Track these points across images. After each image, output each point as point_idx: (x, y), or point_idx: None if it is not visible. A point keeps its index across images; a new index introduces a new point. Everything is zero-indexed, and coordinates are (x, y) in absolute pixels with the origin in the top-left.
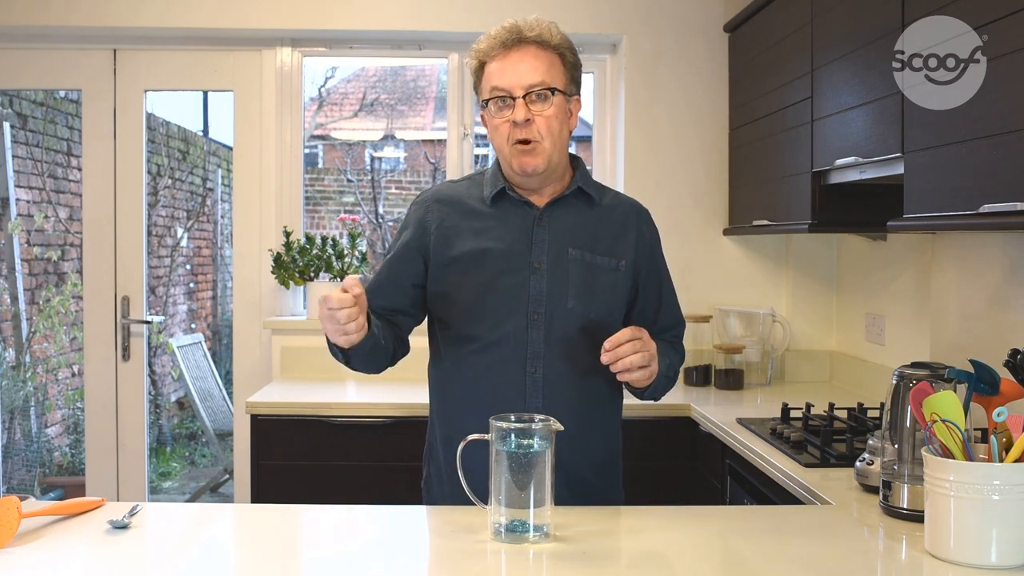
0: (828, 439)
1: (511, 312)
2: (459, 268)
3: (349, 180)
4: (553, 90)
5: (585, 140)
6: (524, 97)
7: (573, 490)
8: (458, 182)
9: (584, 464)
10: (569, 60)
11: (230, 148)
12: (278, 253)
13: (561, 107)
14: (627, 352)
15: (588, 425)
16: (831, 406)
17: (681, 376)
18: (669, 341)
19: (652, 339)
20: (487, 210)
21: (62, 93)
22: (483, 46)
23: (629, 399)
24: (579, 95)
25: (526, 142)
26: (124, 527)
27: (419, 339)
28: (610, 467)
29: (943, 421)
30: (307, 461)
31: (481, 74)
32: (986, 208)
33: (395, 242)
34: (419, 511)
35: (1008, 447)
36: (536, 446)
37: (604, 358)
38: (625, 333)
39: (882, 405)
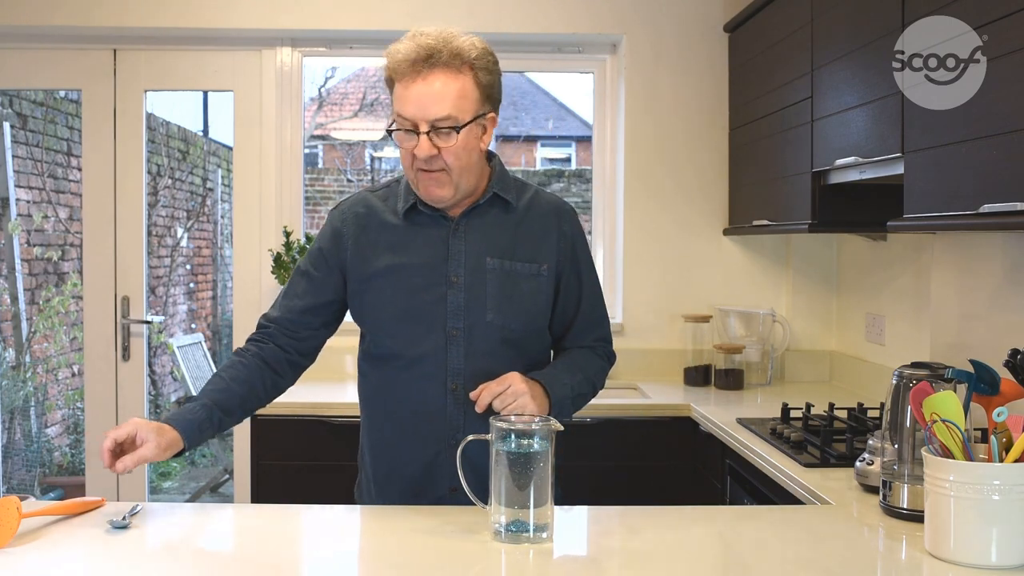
0: (828, 439)
1: (429, 329)
2: (376, 285)
3: (349, 180)
4: (459, 127)
5: (585, 140)
6: (428, 133)
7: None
8: (377, 191)
9: None
10: (483, 79)
11: (230, 148)
12: (278, 253)
13: (469, 136)
14: (487, 399)
15: None
16: (831, 406)
17: (681, 376)
18: (590, 347)
19: (537, 370)
20: (402, 224)
21: (62, 93)
22: (392, 61)
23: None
24: (495, 111)
25: (431, 172)
26: (124, 527)
27: None
28: None
29: (943, 421)
30: (307, 461)
31: (391, 89)
32: (986, 208)
33: (312, 251)
34: (419, 511)
35: (1008, 447)
36: (536, 446)
37: (478, 408)
38: (489, 385)
39: (882, 405)
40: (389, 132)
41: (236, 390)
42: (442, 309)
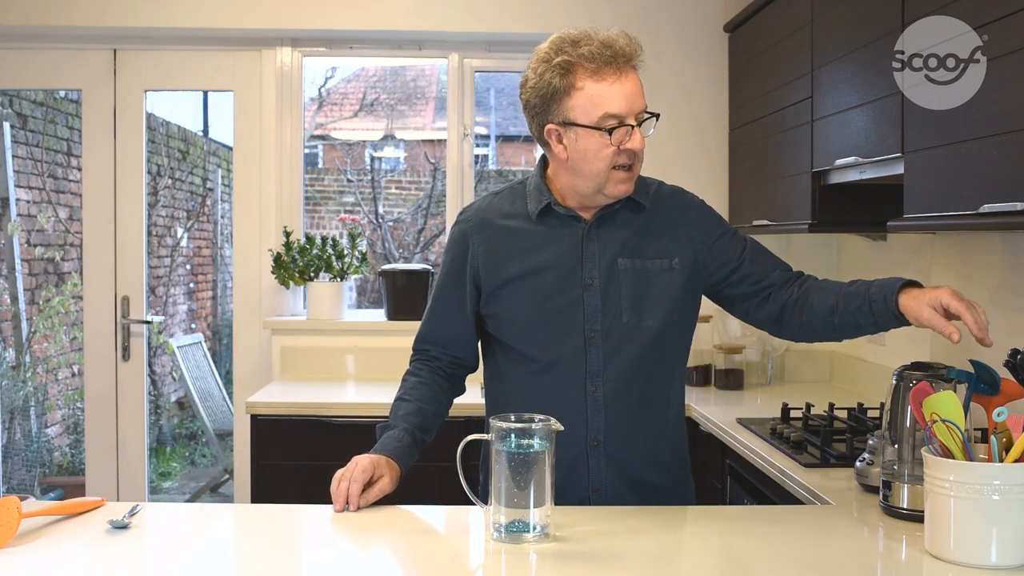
0: (828, 439)
1: (567, 332)
2: (511, 289)
3: (349, 180)
4: (656, 115)
5: None
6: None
7: (643, 496)
8: (499, 195)
9: (652, 470)
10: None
11: (230, 148)
12: (278, 253)
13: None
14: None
15: (652, 432)
16: (831, 406)
17: None
18: (799, 275)
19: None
20: (533, 227)
21: (62, 93)
22: (585, 67)
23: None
24: None
25: (629, 168)
26: (124, 527)
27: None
28: (677, 466)
29: (943, 421)
30: (307, 461)
31: (571, 92)
32: (986, 208)
33: (445, 267)
34: (419, 511)
35: (1008, 447)
36: (536, 446)
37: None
38: (967, 313)
39: (882, 405)
40: (572, 126)
41: (428, 409)
42: (579, 312)
